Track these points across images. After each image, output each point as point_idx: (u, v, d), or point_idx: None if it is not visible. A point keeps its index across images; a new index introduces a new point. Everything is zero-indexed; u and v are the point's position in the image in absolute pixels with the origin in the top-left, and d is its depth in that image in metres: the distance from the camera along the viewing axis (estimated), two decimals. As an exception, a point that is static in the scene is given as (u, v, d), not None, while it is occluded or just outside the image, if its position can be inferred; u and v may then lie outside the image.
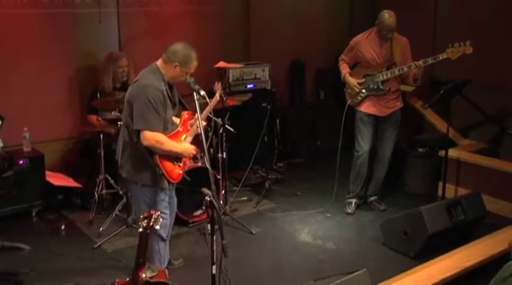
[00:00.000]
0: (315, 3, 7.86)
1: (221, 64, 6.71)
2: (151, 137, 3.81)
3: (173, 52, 3.91)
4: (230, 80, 6.63)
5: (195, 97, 3.76)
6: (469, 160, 6.05)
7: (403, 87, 6.88)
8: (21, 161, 5.48)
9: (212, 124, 5.51)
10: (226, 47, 7.13)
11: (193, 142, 5.71)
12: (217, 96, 4.65)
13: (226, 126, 5.70)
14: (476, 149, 6.34)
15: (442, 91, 5.51)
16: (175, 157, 4.04)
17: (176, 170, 4.06)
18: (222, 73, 6.72)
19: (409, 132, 7.00)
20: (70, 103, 6.13)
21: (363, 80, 5.57)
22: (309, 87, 7.99)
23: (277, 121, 7.20)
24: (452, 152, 6.07)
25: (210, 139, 5.65)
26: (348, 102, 5.71)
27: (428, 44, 6.87)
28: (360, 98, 5.64)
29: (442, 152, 6.00)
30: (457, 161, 6.07)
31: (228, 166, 5.76)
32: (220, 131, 5.69)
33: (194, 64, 3.95)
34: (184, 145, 4.07)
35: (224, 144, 5.67)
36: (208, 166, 3.46)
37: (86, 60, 6.12)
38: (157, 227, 3.24)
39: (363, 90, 5.58)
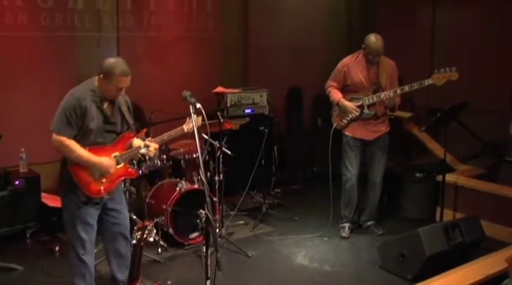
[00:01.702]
0: (313, 30, 7.96)
1: (219, 89, 6.78)
2: (57, 138, 3.83)
3: (100, 65, 3.90)
4: (228, 104, 6.66)
5: (191, 110, 3.75)
6: (467, 184, 6.03)
7: (401, 114, 6.96)
8: (16, 182, 5.48)
9: (207, 146, 5.50)
10: (225, 72, 7.19)
11: (190, 165, 5.83)
12: (183, 127, 4.43)
13: (223, 149, 5.70)
14: (474, 175, 6.32)
15: (438, 114, 5.52)
16: (98, 171, 3.93)
17: (95, 185, 3.93)
18: (220, 98, 6.76)
19: (406, 158, 7.01)
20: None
21: (359, 103, 5.57)
22: (307, 114, 8.03)
23: (275, 147, 7.21)
24: (450, 177, 6.05)
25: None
26: (334, 124, 5.74)
27: (426, 65, 6.92)
28: (346, 121, 5.65)
29: (439, 177, 5.98)
30: (455, 186, 6.05)
31: (225, 190, 5.74)
32: (218, 154, 5.69)
33: (120, 79, 3.86)
34: (100, 159, 3.92)
35: (221, 167, 5.66)
36: (203, 177, 3.43)
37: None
38: (151, 239, 3.21)
39: (357, 114, 5.58)
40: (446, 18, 7.52)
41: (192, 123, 3.73)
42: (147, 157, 5.28)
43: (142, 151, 4.10)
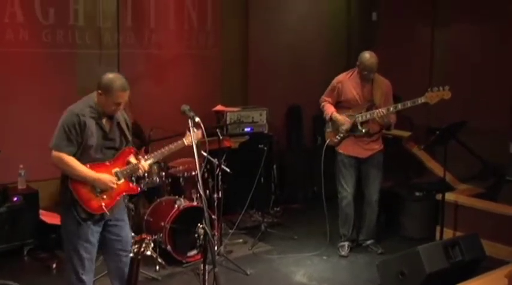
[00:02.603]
0: (312, 48, 8.00)
1: (219, 107, 6.80)
2: (56, 155, 3.81)
3: (100, 80, 3.91)
4: (227, 122, 6.67)
5: (190, 124, 3.75)
6: (467, 203, 6.01)
7: (399, 133, 6.97)
8: (15, 198, 5.46)
9: (205, 163, 5.49)
10: (225, 90, 7.22)
11: (189, 183, 5.82)
12: (184, 141, 4.41)
13: (223, 167, 5.69)
14: (474, 194, 6.31)
15: (437, 132, 5.52)
16: (98, 187, 3.91)
17: (95, 201, 3.91)
18: (220, 116, 6.77)
19: (405, 177, 6.99)
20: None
21: (352, 117, 5.57)
22: (306, 133, 8.03)
23: (274, 166, 7.20)
24: (450, 196, 6.03)
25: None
26: (327, 141, 5.74)
27: (425, 84, 6.95)
28: (339, 138, 5.66)
29: (439, 196, 5.96)
30: (455, 204, 6.03)
31: (224, 209, 5.72)
32: (217, 171, 5.68)
33: (118, 94, 3.85)
34: (99, 175, 3.89)
35: (220, 184, 5.65)
36: (201, 191, 3.42)
37: (84, 100, 6.17)
38: (148, 253, 3.18)
39: (343, 131, 5.61)
40: (445, 36, 7.57)
41: (191, 137, 3.72)
42: (145, 174, 5.27)
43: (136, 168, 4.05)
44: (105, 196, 3.94)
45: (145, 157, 4.17)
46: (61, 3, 5.98)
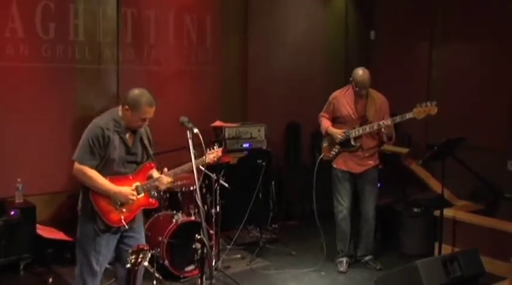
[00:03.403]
0: (311, 66, 8.05)
1: (217, 123, 6.80)
2: (78, 167, 3.90)
3: (126, 95, 4.00)
4: (226, 138, 6.67)
5: (188, 136, 3.77)
6: (465, 219, 5.99)
7: (398, 149, 6.97)
8: (12, 212, 5.43)
9: (200, 179, 5.48)
10: (224, 106, 7.23)
11: (187, 198, 5.80)
12: (204, 159, 4.40)
13: (221, 182, 5.69)
14: (472, 210, 6.29)
15: (436, 148, 5.53)
16: (118, 200, 3.97)
17: (115, 214, 3.97)
18: (218, 132, 6.78)
19: (403, 193, 6.98)
20: (66, 157, 6.08)
21: (344, 130, 5.62)
22: (305, 150, 8.03)
23: (273, 182, 7.20)
24: (448, 212, 6.02)
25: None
26: (321, 155, 5.77)
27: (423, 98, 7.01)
28: (333, 153, 5.70)
29: (437, 212, 5.95)
30: (453, 221, 6.01)
31: (222, 225, 5.71)
32: (215, 186, 5.67)
33: (145, 109, 3.95)
34: (120, 188, 3.96)
35: (218, 199, 5.64)
36: (199, 202, 3.41)
37: (84, 115, 6.16)
38: (146, 263, 3.16)
39: (337, 146, 5.64)
40: (443, 54, 7.62)
41: (210, 155, 4.17)
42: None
43: (155, 183, 4.11)
44: (124, 209, 4.00)
45: (166, 172, 4.19)
46: (61, 18, 6.00)
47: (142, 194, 4.08)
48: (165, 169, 4.18)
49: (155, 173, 4.17)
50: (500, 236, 5.68)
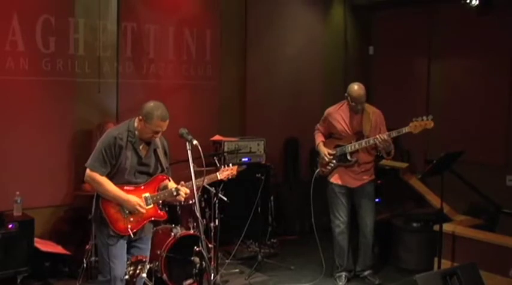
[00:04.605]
0: (310, 82, 8.09)
1: (217, 137, 6.80)
2: (89, 174, 4.06)
3: (142, 106, 4.10)
4: (225, 152, 6.67)
5: (188, 147, 3.78)
6: (465, 234, 5.95)
7: (397, 164, 6.97)
8: (10, 225, 5.40)
9: (198, 193, 5.44)
10: (223, 121, 7.24)
11: (185, 212, 5.78)
12: (218, 175, 4.65)
13: (220, 195, 5.67)
14: (471, 225, 6.27)
15: (434, 161, 5.53)
16: (127, 209, 4.08)
17: (123, 223, 4.07)
18: (218, 146, 6.78)
19: (402, 208, 6.97)
20: (65, 170, 6.13)
21: (334, 151, 5.63)
22: (303, 165, 8.02)
23: (272, 197, 7.18)
24: (447, 227, 5.98)
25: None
26: (317, 170, 5.76)
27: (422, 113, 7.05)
28: (330, 168, 5.72)
29: (436, 227, 5.93)
30: (452, 235, 5.98)
31: (221, 239, 5.70)
32: (214, 200, 5.65)
33: (157, 123, 4.03)
34: (129, 196, 4.07)
35: (217, 213, 5.62)
36: (198, 214, 3.40)
37: (83, 129, 6.19)
38: (144, 275, 3.14)
39: (333, 160, 5.64)
40: (442, 69, 7.66)
41: (224, 172, 4.49)
42: None
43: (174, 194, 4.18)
44: (132, 219, 4.09)
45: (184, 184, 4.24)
46: (61, 32, 6.03)
47: (151, 206, 4.15)
48: (182, 182, 4.24)
49: (171, 185, 4.24)
50: (499, 250, 5.65)
